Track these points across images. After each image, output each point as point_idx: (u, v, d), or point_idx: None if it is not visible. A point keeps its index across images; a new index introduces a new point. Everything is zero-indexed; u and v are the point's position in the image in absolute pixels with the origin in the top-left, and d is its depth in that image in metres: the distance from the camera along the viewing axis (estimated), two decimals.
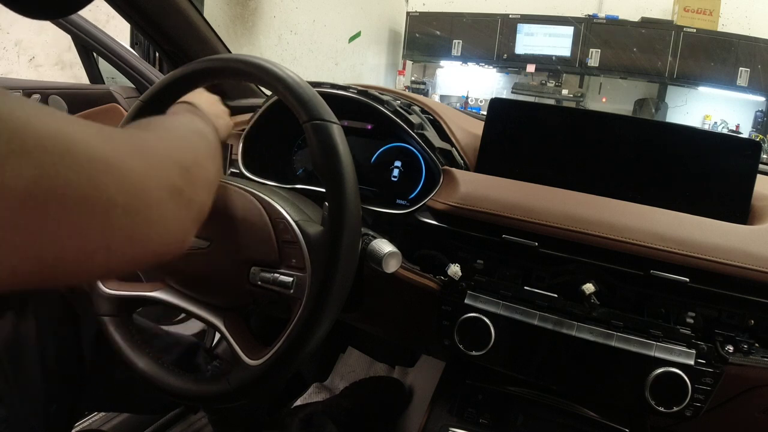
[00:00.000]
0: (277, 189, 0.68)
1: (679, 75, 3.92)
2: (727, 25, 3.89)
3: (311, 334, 0.52)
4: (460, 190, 0.67)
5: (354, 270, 0.54)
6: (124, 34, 1.77)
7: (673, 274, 0.57)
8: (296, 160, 0.91)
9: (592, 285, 0.59)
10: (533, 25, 4.30)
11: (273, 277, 0.57)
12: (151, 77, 1.31)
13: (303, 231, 0.57)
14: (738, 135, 3.58)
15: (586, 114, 0.74)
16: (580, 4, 4.27)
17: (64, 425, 0.71)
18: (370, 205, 0.72)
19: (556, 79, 4.37)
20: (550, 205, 0.63)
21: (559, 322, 0.61)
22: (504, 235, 0.64)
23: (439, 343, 0.67)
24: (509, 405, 0.69)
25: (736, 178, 0.66)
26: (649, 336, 0.58)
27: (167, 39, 0.96)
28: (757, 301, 0.57)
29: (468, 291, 0.65)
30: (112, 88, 1.31)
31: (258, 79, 0.55)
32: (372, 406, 1.15)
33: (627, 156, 0.70)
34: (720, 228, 0.60)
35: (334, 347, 1.37)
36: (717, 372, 0.56)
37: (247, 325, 0.62)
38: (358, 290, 0.72)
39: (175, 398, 0.61)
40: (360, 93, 0.77)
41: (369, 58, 4.80)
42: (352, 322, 0.88)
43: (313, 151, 0.52)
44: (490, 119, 0.76)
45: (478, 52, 4.54)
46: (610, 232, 0.59)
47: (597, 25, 4.09)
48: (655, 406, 0.57)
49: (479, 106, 4.54)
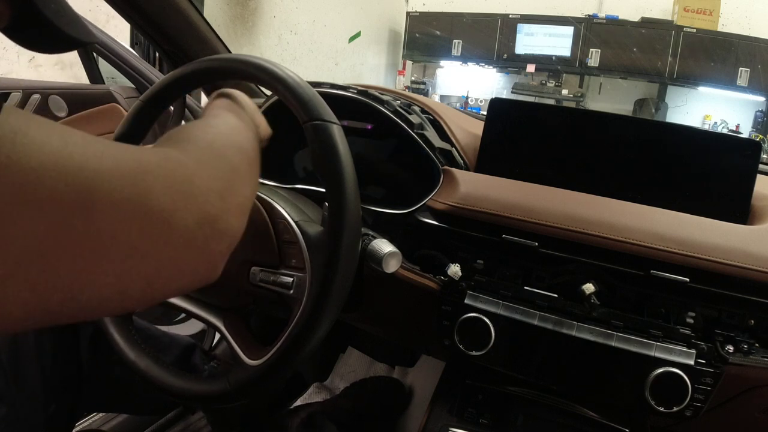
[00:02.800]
0: (277, 189, 0.68)
1: (679, 75, 3.92)
2: (727, 25, 3.89)
3: (311, 334, 0.52)
4: (460, 190, 0.67)
5: (354, 270, 0.54)
6: (124, 34, 1.77)
7: (673, 274, 0.57)
8: (296, 160, 0.91)
9: (592, 285, 0.59)
10: (533, 25, 4.30)
11: (273, 277, 0.57)
12: (151, 77, 1.31)
13: (303, 231, 0.57)
14: (738, 135, 3.59)
15: (586, 114, 0.74)
16: (580, 4, 4.27)
17: (64, 425, 0.71)
18: (370, 205, 0.72)
19: (556, 79, 4.37)
20: (550, 205, 0.63)
21: (559, 322, 0.61)
22: (504, 235, 0.64)
23: (439, 343, 0.67)
24: (509, 405, 0.69)
25: (736, 178, 0.66)
26: (649, 336, 0.58)
27: (167, 39, 0.96)
28: (757, 301, 0.57)
29: (468, 291, 0.65)
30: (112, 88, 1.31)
31: (258, 79, 0.55)
32: (372, 406, 1.15)
33: (627, 156, 0.70)
34: (720, 228, 0.60)
35: (334, 347, 1.36)
36: (717, 372, 0.56)
37: (247, 325, 0.62)
38: (358, 290, 0.72)
39: (175, 398, 0.61)
40: (360, 93, 0.77)
41: (369, 58, 4.80)
42: (352, 322, 0.88)
43: (313, 151, 0.52)
44: (490, 119, 0.76)
45: (478, 52, 4.54)
46: (610, 232, 0.59)
47: (597, 25, 4.09)
48: (655, 406, 0.57)
49: (479, 106, 4.54)
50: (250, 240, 0.59)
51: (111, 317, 0.66)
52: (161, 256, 0.28)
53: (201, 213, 0.31)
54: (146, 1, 0.88)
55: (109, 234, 0.25)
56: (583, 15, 4.18)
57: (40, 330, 0.67)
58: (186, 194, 0.30)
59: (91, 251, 0.25)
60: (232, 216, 0.35)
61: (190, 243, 0.31)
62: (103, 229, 0.25)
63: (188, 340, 0.91)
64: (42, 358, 0.66)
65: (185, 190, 0.31)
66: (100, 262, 0.25)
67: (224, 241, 0.34)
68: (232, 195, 0.35)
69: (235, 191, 0.36)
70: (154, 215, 0.28)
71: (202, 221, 0.31)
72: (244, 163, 0.40)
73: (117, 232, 0.25)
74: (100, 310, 0.27)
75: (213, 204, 0.33)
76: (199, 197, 0.32)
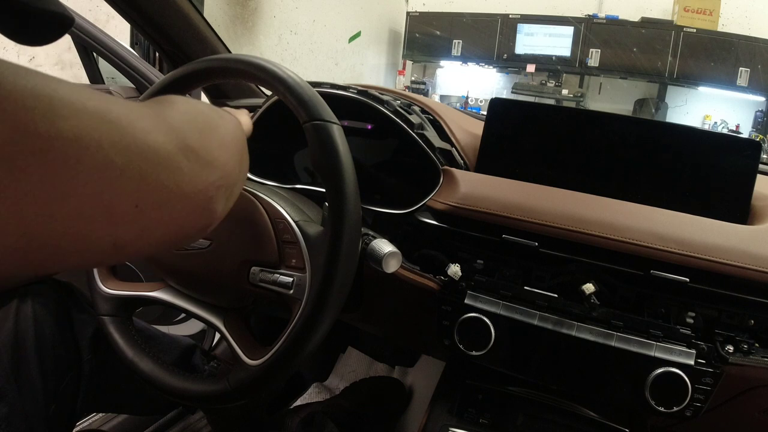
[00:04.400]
0: (277, 189, 0.68)
1: (679, 75, 3.92)
2: (727, 25, 3.89)
3: (311, 334, 0.52)
4: (460, 190, 0.67)
5: (354, 270, 0.54)
6: (124, 34, 1.77)
7: (673, 274, 0.57)
8: (296, 160, 0.91)
9: (592, 285, 0.59)
10: (533, 25, 4.30)
11: (273, 277, 0.57)
12: (151, 77, 1.31)
13: (303, 231, 0.57)
14: (738, 135, 3.58)
15: (586, 114, 0.74)
16: (580, 4, 4.27)
17: (64, 425, 0.71)
18: (370, 205, 0.72)
19: (556, 79, 4.37)
20: (550, 205, 0.63)
21: (559, 322, 0.61)
22: (504, 235, 0.64)
23: (439, 343, 0.67)
24: (509, 405, 0.69)
25: (736, 178, 0.66)
26: (649, 336, 0.58)
27: (167, 39, 0.96)
28: (757, 301, 0.57)
29: (468, 291, 0.65)
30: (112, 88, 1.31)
31: (258, 79, 0.55)
32: (372, 406, 1.15)
33: (627, 156, 0.70)
34: (720, 228, 0.60)
35: (334, 347, 1.37)
36: (717, 372, 0.56)
37: (247, 325, 0.62)
38: (358, 290, 0.72)
39: (175, 398, 0.61)
40: (360, 93, 0.77)
41: (369, 58, 4.80)
42: (352, 322, 0.88)
43: (313, 152, 0.52)
44: (490, 119, 0.76)
45: (478, 52, 4.54)
46: (610, 232, 0.59)
47: (597, 25, 4.09)
48: (655, 406, 0.57)
49: (479, 106, 4.54)
50: (250, 240, 0.59)
51: (111, 318, 0.66)
52: (144, 176, 0.26)
53: (180, 142, 0.30)
54: (146, 1, 0.88)
55: (77, 141, 0.23)
56: (583, 15, 4.18)
57: (40, 330, 0.67)
58: (159, 122, 0.29)
59: (60, 159, 0.22)
60: (215, 151, 0.34)
61: (174, 167, 0.29)
62: (67, 134, 0.22)
63: (188, 341, 0.91)
64: (42, 358, 0.66)
65: (157, 117, 0.29)
66: (71, 168, 0.23)
67: (214, 171, 0.33)
68: (212, 134, 0.35)
69: (217, 135, 0.36)
70: (126, 130, 0.26)
71: (184, 149, 0.30)
72: (222, 123, 0.39)
73: (85, 139, 0.23)
74: (90, 243, 0.25)
75: (194, 138, 0.32)
76: (176, 129, 0.31)
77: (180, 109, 0.35)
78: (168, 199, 0.29)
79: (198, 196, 0.32)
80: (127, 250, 0.28)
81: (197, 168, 0.32)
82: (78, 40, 1.39)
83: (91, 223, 0.25)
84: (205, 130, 0.35)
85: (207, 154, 0.33)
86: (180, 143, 0.30)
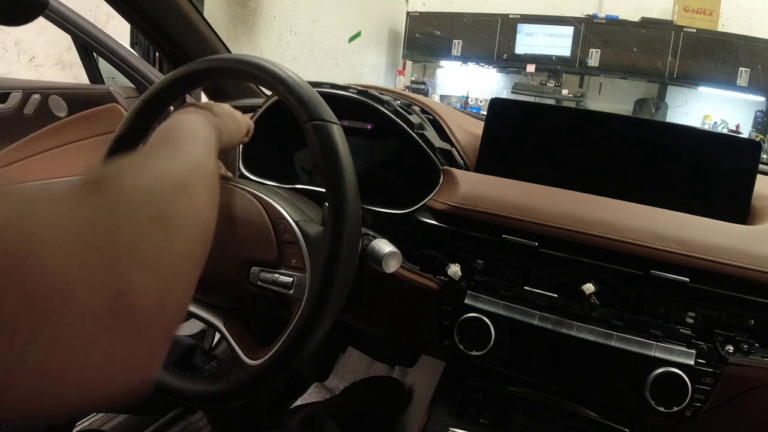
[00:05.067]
0: (277, 189, 0.68)
1: (679, 75, 3.92)
2: (727, 25, 3.89)
3: (311, 334, 0.52)
4: (460, 190, 0.67)
5: (354, 270, 0.54)
6: (124, 34, 1.77)
7: (673, 274, 0.57)
8: (296, 160, 0.91)
9: (592, 285, 0.59)
10: (533, 25, 4.30)
11: (273, 277, 0.57)
12: (151, 77, 1.31)
13: (303, 231, 0.57)
14: (738, 135, 3.58)
15: (586, 114, 0.74)
16: (580, 4, 4.27)
17: (64, 425, 0.71)
18: (370, 205, 0.72)
19: (556, 79, 4.37)
20: (550, 205, 0.63)
21: (559, 322, 0.61)
22: (504, 235, 0.64)
23: (439, 343, 0.67)
24: (509, 405, 0.69)
25: (736, 178, 0.66)
26: (649, 336, 0.58)
27: (167, 39, 0.96)
28: (757, 301, 0.57)
29: (468, 291, 0.65)
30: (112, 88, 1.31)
31: (258, 79, 0.55)
32: (372, 406, 1.15)
33: (627, 156, 0.70)
34: (720, 228, 0.60)
35: (334, 347, 1.36)
36: (717, 372, 0.56)
37: (247, 325, 0.62)
38: (358, 290, 0.72)
39: (175, 398, 0.61)
40: (360, 93, 0.77)
41: (369, 58, 4.80)
42: (352, 322, 0.88)
43: (313, 152, 0.52)
44: (490, 119, 0.76)
45: (478, 52, 4.54)
46: (610, 232, 0.59)
47: (597, 25, 4.09)
48: (655, 406, 0.57)
49: (479, 106, 4.54)
50: (250, 240, 0.59)
51: None
52: (55, 336, 0.21)
53: (113, 286, 0.23)
54: (146, 1, 0.88)
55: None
56: (583, 15, 4.18)
57: None
58: (90, 256, 0.23)
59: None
60: (172, 292, 0.27)
61: (94, 322, 0.22)
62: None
63: (189, 341, 0.91)
64: None
65: (90, 246, 0.23)
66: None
67: (160, 326, 0.27)
68: (166, 255, 0.27)
69: (171, 253, 0.28)
70: (49, 279, 0.21)
71: (113, 294, 0.23)
72: (185, 204, 0.31)
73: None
74: None
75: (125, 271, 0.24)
76: (112, 263, 0.24)
77: (137, 203, 0.27)
78: (76, 366, 0.23)
79: (123, 365, 0.25)
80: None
81: (130, 327, 0.25)
82: (78, 40, 1.39)
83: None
84: (162, 241, 0.27)
85: (141, 298, 0.25)
86: (114, 291, 0.24)
